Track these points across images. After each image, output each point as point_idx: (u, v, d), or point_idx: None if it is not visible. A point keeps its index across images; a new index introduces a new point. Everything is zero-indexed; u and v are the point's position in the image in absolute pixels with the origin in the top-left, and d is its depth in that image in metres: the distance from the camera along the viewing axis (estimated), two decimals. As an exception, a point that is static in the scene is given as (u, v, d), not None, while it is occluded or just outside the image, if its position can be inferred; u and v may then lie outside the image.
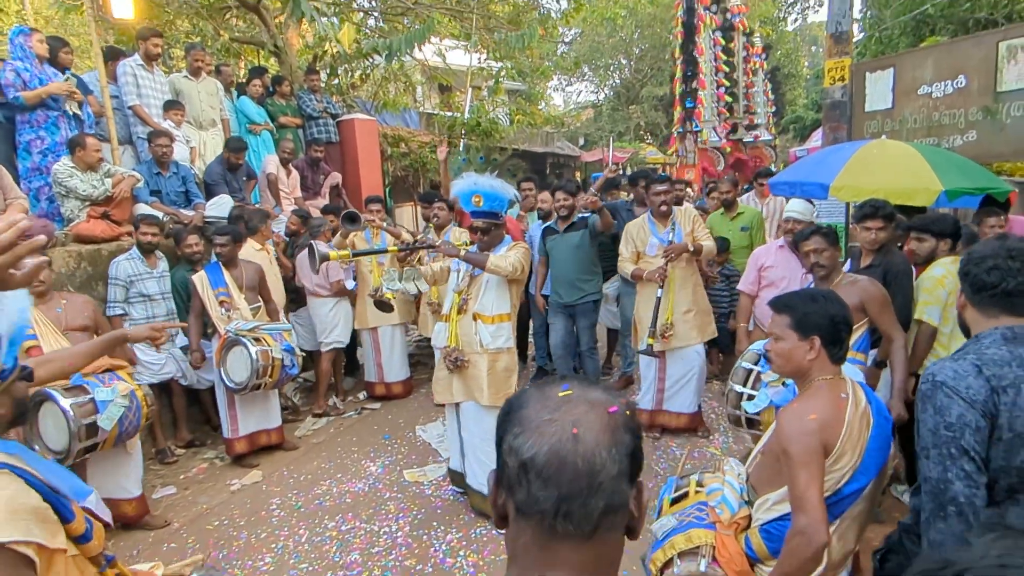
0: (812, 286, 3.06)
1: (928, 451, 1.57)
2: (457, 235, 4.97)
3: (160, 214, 4.87)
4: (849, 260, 3.98)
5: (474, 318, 3.60)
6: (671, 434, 4.78)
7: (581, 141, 27.02)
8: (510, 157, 10.49)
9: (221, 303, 4.43)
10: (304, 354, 5.52)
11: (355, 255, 4.51)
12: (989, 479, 1.53)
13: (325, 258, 3.59)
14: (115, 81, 5.41)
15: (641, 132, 27.44)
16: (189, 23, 9.05)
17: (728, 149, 12.81)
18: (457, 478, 3.98)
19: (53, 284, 3.69)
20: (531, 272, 5.19)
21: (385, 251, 4.43)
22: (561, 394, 0.78)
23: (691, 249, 4.28)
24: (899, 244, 3.88)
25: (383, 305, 4.88)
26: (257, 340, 4.26)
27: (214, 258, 4.63)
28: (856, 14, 12.25)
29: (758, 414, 2.56)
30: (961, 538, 1.50)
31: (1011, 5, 8.19)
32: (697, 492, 1.90)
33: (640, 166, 21.20)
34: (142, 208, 4.80)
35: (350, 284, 5.45)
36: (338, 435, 5.23)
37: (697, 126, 12.79)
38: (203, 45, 6.65)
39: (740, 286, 4.20)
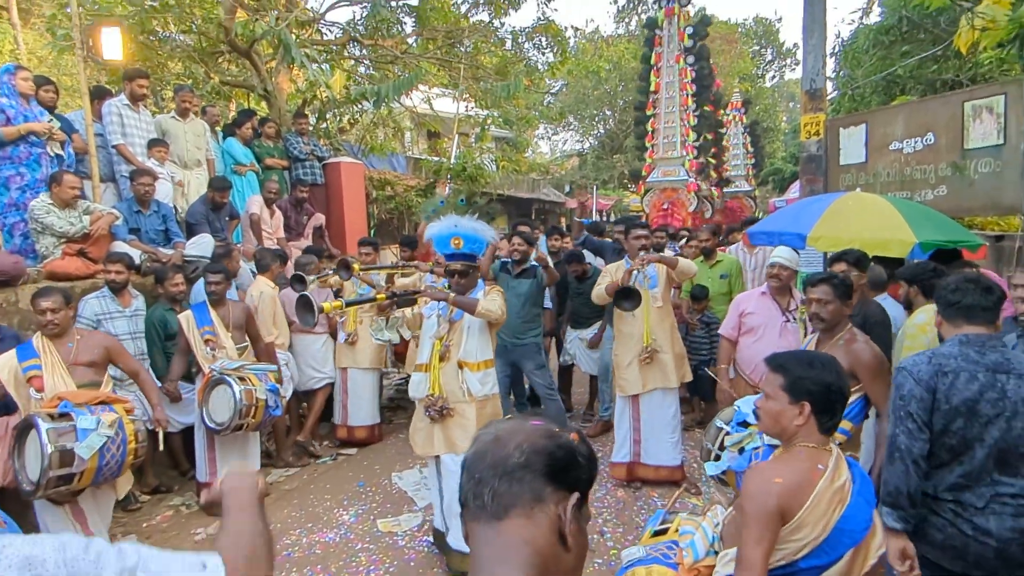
0: (806, 339, 3.03)
1: (890, 416, 2.21)
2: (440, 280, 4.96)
3: (137, 252, 4.82)
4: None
5: (459, 366, 3.48)
6: (652, 485, 4.70)
7: (567, 188, 27.48)
8: (491, 201, 10.57)
9: (207, 342, 4.39)
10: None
11: (348, 304, 4.43)
12: (935, 442, 2.10)
13: (320, 310, 3.44)
14: (101, 120, 5.42)
15: (625, 180, 27.97)
16: (181, 66, 9.17)
17: (717, 196, 13.00)
18: (439, 537, 3.75)
19: (22, 321, 3.62)
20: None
21: (374, 299, 4.26)
22: (505, 418, 0.96)
23: (668, 262, 4.36)
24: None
25: None
26: (242, 379, 4.18)
27: (201, 297, 4.64)
28: (830, 73, 12.71)
29: (723, 473, 2.52)
30: (902, 477, 2.10)
31: (974, 68, 8.57)
32: (677, 531, 1.88)
33: (623, 213, 21.57)
34: (118, 246, 4.74)
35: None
36: (311, 482, 5.08)
37: (647, 176, 12.92)
38: (192, 87, 6.70)
39: (721, 330, 4.22)
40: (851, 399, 2.84)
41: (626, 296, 4.23)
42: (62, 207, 4.46)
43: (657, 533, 1.95)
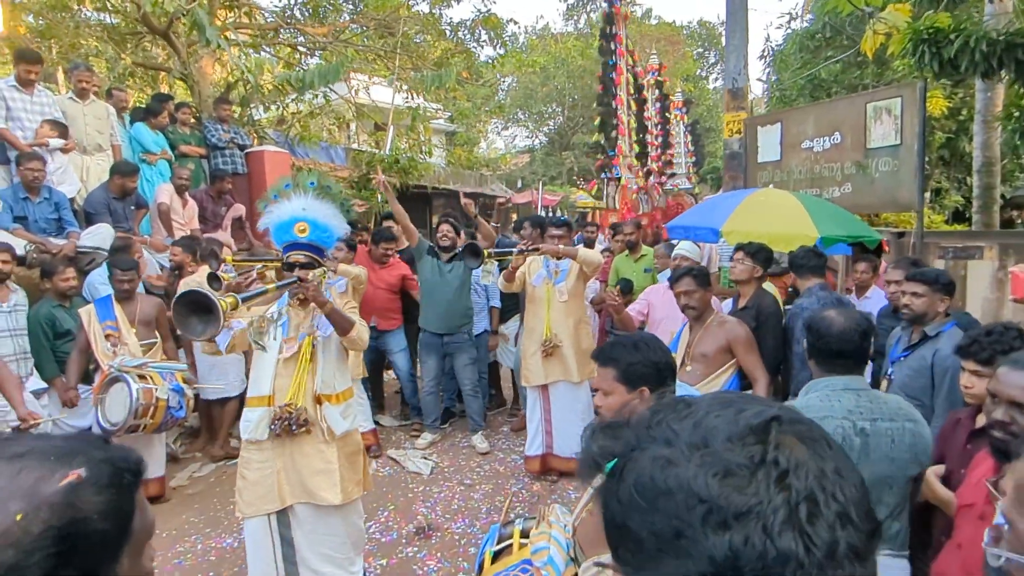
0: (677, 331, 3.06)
1: None
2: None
3: (22, 242, 4.49)
4: (732, 301, 4.06)
5: (317, 400, 2.90)
6: (568, 477, 4.68)
7: (519, 184, 27.49)
8: (417, 195, 10.38)
9: (107, 337, 4.18)
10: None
11: (243, 300, 4.14)
12: None
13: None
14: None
15: (574, 177, 28.18)
16: (94, 43, 8.67)
17: (659, 195, 13.16)
18: None
19: None
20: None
21: (265, 292, 3.82)
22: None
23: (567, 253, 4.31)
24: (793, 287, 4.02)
25: None
26: (142, 377, 3.95)
27: (97, 291, 4.44)
28: (763, 76, 13.00)
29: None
30: None
31: (891, 74, 8.91)
32: (522, 546, 1.76)
33: (570, 209, 21.69)
34: (0, 235, 4.40)
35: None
36: (217, 484, 4.86)
37: (618, 172, 13.13)
38: (89, 66, 6.30)
39: (629, 308, 4.20)
40: (727, 375, 2.91)
41: (472, 252, 4.24)
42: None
43: (496, 555, 1.81)
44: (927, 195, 11.03)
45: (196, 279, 4.49)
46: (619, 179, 13.06)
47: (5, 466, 0.60)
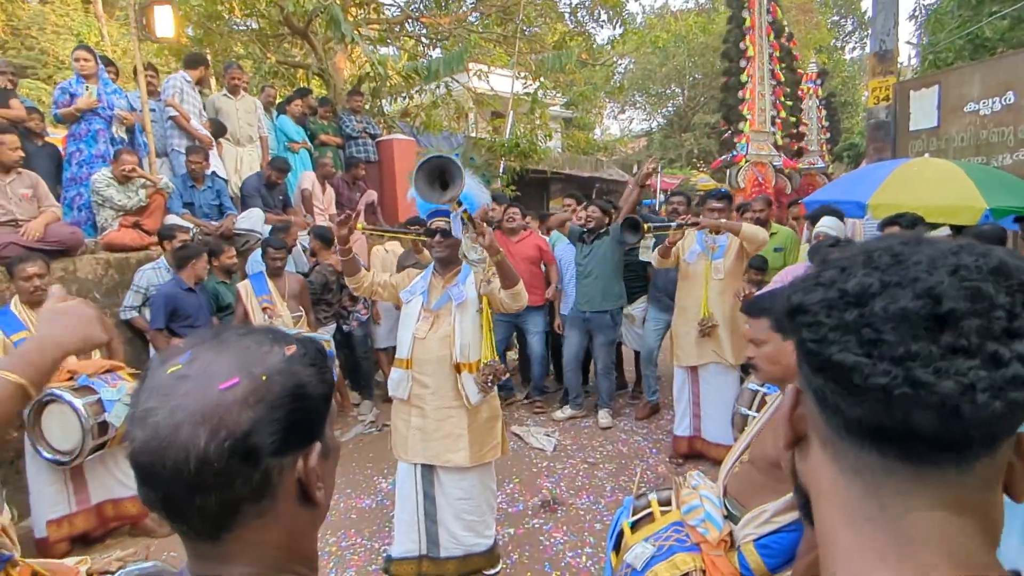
0: None
1: None
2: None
3: (190, 225, 5.02)
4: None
5: (456, 369, 2.96)
6: (713, 463, 4.52)
7: (635, 168, 26.96)
8: (535, 179, 10.44)
9: (264, 310, 4.61)
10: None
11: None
12: None
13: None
14: (155, 97, 5.66)
15: (694, 159, 27.18)
16: (243, 48, 9.50)
17: (794, 171, 12.34)
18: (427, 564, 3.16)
19: (80, 289, 3.83)
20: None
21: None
22: (171, 370, 0.67)
23: (731, 228, 4.13)
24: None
25: None
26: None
27: (253, 269, 4.88)
28: (913, 39, 11.78)
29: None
30: None
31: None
32: (664, 512, 1.73)
33: (691, 192, 20.87)
34: (172, 219, 4.96)
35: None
36: (356, 450, 5.20)
37: (743, 148, 12.43)
38: (239, 64, 6.90)
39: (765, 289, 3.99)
40: None
41: (632, 226, 4.15)
42: (121, 181, 4.69)
43: (634, 525, 1.78)
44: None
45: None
46: (744, 157, 12.41)
47: (239, 341, 0.70)
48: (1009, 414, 0.46)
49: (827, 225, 3.85)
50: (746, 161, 11.41)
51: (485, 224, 2.75)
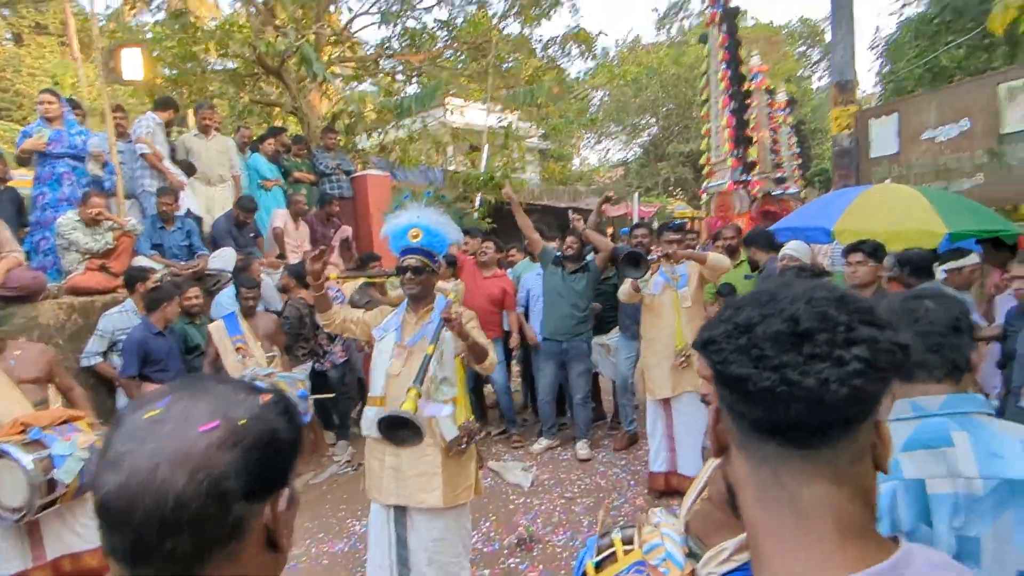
0: None
1: None
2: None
3: (159, 266, 4.96)
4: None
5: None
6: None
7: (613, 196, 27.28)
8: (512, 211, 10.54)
9: (237, 350, 4.52)
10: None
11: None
12: None
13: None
14: (124, 139, 5.64)
15: (670, 187, 27.58)
16: (218, 87, 9.53)
17: (753, 193, 12.56)
18: None
19: (42, 335, 3.74)
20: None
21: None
22: (147, 415, 0.68)
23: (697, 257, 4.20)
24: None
25: None
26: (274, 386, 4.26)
27: (223, 309, 4.80)
28: (875, 67, 12.17)
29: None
30: None
31: (1025, 54, 8.06)
32: (627, 552, 1.69)
33: (668, 220, 21.15)
34: (140, 260, 4.90)
35: None
36: (329, 491, 5.09)
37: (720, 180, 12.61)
38: (211, 104, 6.92)
39: None
40: None
41: (632, 262, 4.07)
42: (88, 224, 4.64)
43: (599, 565, 1.73)
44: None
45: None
46: (723, 185, 12.62)
47: (216, 388, 0.74)
48: (855, 399, 0.64)
49: (793, 248, 3.90)
50: (708, 194, 11.66)
51: (453, 313, 2.76)
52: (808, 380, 0.64)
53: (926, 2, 10.26)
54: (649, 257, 4.24)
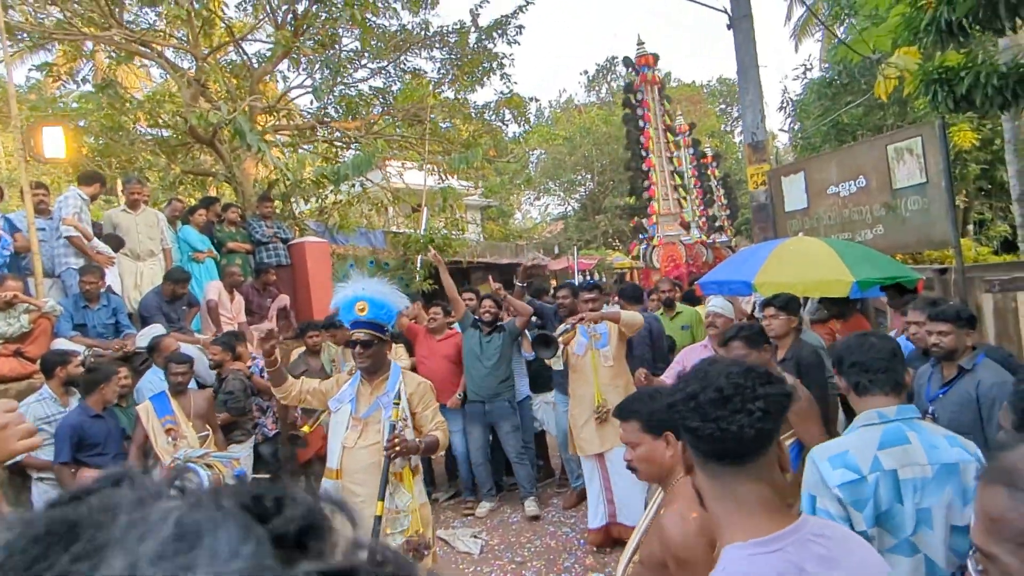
0: None
1: None
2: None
3: (80, 348, 4.75)
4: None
5: (396, 478, 2.95)
6: (625, 549, 4.51)
7: (555, 250, 27.85)
8: (454, 270, 10.63)
9: (168, 431, 4.28)
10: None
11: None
12: None
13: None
14: (45, 216, 5.47)
15: (609, 239, 28.39)
16: (148, 156, 9.36)
17: (702, 246, 13.11)
18: None
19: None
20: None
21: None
22: None
23: (610, 317, 4.32)
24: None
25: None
26: (208, 467, 4.04)
27: (149, 389, 4.57)
28: (784, 126, 13.11)
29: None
30: None
31: (912, 114, 8.88)
32: None
33: (608, 271, 21.75)
34: (60, 343, 4.68)
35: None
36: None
37: (653, 231, 13.15)
38: (140, 178, 6.80)
39: (664, 376, 4.13)
40: (787, 444, 2.79)
41: (543, 343, 4.25)
42: (1, 308, 4.43)
43: None
44: (971, 227, 10.70)
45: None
46: (653, 239, 13.15)
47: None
48: (761, 434, 1.10)
49: (717, 305, 4.10)
50: (651, 245, 12.09)
51: (396, 443, 2.83)
52: (732, 426, 1.09)
53: (826, 66, 11.21)
54: (564, 325, 4.38)
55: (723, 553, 1.15)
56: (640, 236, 13.52)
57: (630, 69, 13.35)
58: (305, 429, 4.58)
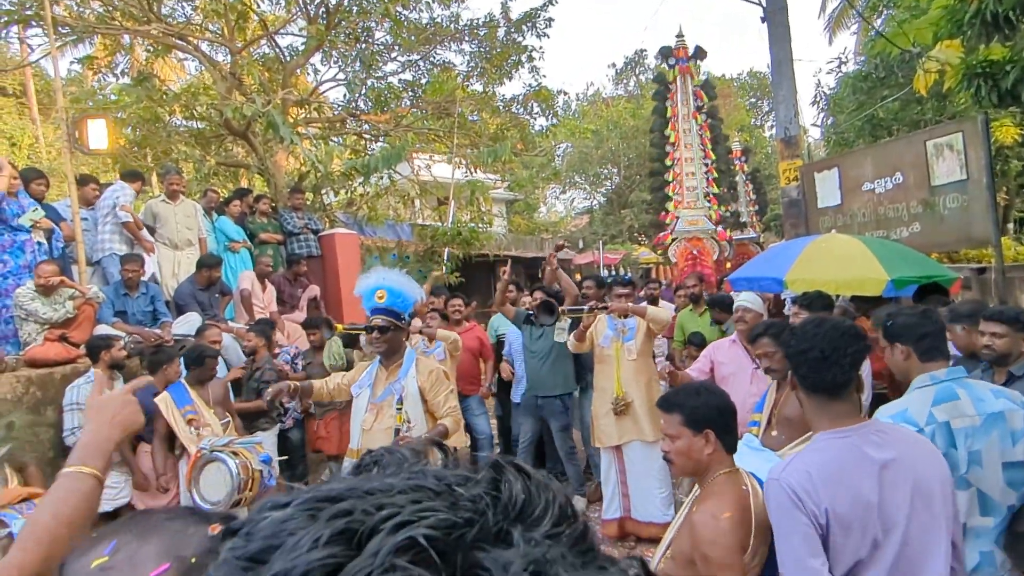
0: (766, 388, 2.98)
1: None
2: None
3: (122, 334, 4.89)
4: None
5: None
6: (647, 543, 4.51)
7: (580, 244, 27.77)
8: (480, 263, 10.66)
9: (189, 422, 4.34)
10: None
11: None
12: None
13: None
14: (88, 207, 5.63)
15: (635, 234, 28.22)
16: (185, 147, 9.57)
17: (727, 240, 12.88)
18: None
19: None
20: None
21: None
22: (95, 563, 0.65)
23: (636, 311, 4.33)
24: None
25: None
26: (235, 454, 4.12)
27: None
28: (818, 121, 12.85)
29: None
30: None
31: (952, 108, 8.65)
32: None
33: (633, 267, 21.64)
34: (102, 329, 4.83)
35: None
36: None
37: (674, 225, 12.92)
38: (178, 169, 6.96)
39: (690, 369, 4.11)
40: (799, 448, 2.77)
41: (546, 310, 4.29)
42: (45, 293, 4.58)
43: None
44: (1011, 226, 10.43)
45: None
46: (671, 234, 12.93)
47: (163, 525, 0.72)
48: (849, 378, 1.68)
49: (747, 300, 4.06)
50: (672, 240, 11.93)
51: (403, 439, 2.96)
52: (828, 375, 1.64)
53: (861, 59, 10.97)
54: (586, 308, 4.38)
55: (814, 438, 1.71)
56: (663, 231, 13.32)
57: (665, 61, 13.11)
58: None
